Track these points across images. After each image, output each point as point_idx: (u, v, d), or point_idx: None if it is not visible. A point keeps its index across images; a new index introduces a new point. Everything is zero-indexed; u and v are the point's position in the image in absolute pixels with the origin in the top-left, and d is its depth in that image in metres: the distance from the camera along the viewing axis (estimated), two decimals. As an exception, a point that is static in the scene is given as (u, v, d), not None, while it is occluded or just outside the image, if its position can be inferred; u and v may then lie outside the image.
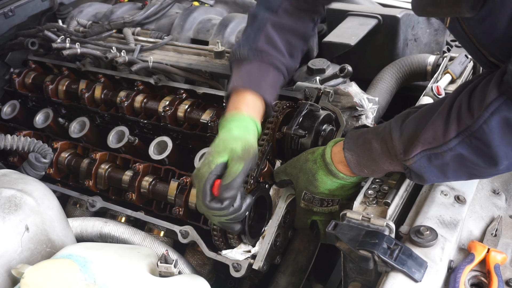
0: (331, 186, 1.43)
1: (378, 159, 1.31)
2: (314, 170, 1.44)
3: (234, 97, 1.48)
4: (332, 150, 1.41)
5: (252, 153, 1.36)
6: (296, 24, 1.59)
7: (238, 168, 1.31)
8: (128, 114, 1.95)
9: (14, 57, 2.35)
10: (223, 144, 1.36)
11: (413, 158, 1.22)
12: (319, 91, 1.71)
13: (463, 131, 1.13)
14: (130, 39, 2.15)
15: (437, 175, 1.24)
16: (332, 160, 1.40)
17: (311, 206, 1.48)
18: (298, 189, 1.50)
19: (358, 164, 1.36)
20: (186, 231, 1.58)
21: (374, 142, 1.31)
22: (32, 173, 1.70)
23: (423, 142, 1.20)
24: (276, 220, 1.53)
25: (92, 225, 1.60)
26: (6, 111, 2.19)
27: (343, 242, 1.23)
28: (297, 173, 1.49)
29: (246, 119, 1.42)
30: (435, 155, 1.19)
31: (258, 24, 1.56)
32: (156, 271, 1.20)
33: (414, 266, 1.15)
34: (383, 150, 1.29)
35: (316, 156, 1.45)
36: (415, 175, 1.27)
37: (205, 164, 1.34)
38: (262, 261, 1.47)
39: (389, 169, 1.33)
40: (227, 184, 1.30)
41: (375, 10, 2.30)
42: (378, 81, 2.05)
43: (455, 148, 1.15)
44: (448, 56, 1.91)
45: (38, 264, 1.06)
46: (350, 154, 1.36)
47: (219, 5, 2.60)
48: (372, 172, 1.37)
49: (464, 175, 1.25)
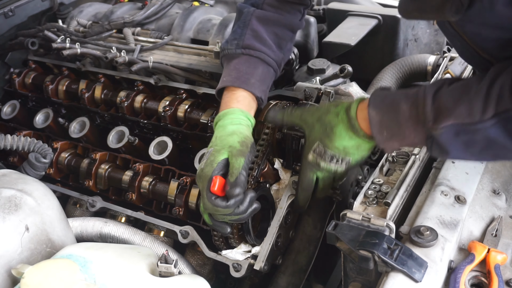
0: (348, 143, 1.35)
1: (404, 122, 1.24)
2: (333, 123, 1.36)
3: (225, 95, 1.52)
4: (358, 106, 1.34)
5: (249, 144, 1.38)
6: (281, 15, 1.61)
7: (240, 162, 1.33)
8: (128, 114, 1.95)
9: (14, 57, 2.35)
10: (221, 142, 1.38)
11: (442, 128, 1.17)
12: (319, 91, 1.71)
13: (501, 113, 1.10)
14: (130, 39, 2.15)
15: (461, 150, 1.20)
16: (357, 115, 1.33)
17: (319, 160, 1.40)
18: (310, 138, 1.42)
19: (380, 124, 1.28)
20: (186, 231, 1.58)
21: (403, 104, 1.24)
22: (32, 173, 1.70)
23: (457, 115, 1.15)
24: (277, 220, 1.53)
25: (92, 225, 1.60)
26: (6, 111, 2.19)
27: (343, 242, 1.23)
28: (313, 122, 1.41)
29: (237, 113, 1.45)
30: (466, 130, 1.15)
31: (244, 19, 1.59)
32: (156, 271, 1.20)
33: (414, 266, 1.15)
34: (412, 114, 1.22)
35: (339, 109, 1.37)
36: (438, 147, 1.21)
37: (207, 164, 1.35)
38: (263, 262, 1.47)
39: (410, 136, 1.25)
40: (233, 181, 1.31)
41: (375, 10, 2.30)
42: (378, 81, 2.05)
43: (489, 129, 1.12)
44: (448, 56, 1.91)
45: (38, 264, 1.06)
46: (375, 111, 1.28)
47: (219, 5, 2.60)
48: (390, 136, 1.28)
49: (488, 156, 1.23)
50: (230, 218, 1.36)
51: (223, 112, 1.48)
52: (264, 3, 1.60)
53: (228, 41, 1.60)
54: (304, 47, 2.17)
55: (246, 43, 1.56)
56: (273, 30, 1.60)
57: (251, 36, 1.56)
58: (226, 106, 1.50)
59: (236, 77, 1.52)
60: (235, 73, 1.54)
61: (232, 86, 1.51)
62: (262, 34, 1.57)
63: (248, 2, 1.64)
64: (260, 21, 1.58)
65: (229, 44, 1.59)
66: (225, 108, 1.49)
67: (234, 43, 1.57)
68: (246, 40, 1.56)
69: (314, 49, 2.22)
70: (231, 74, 1.54)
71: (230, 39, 1.59)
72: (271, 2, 1.60)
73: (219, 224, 1.39)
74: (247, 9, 1.60)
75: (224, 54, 1.60)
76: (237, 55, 1.57)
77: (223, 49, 1.60)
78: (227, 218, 1.36)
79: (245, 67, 1.54)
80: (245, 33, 1.57)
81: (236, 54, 1.57)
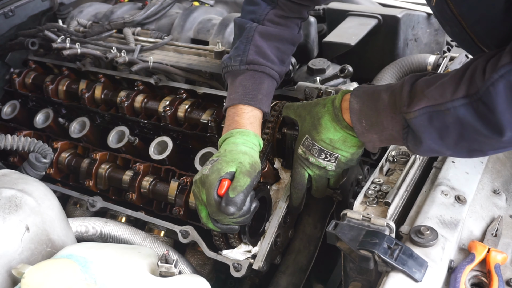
0: (333, 135, 1.39)
1: (382, 110, 1.26)
2: (320, 114, 1.41)
3: (234, 112, 1.50)
4: (343, 97, 1.38)
5: (257, 170, 1.38)
6: (282, 31, 1.62)
7: (246, 181, 1.33)
8: (128, 114, 1.95)
9: (14, 57, 2.36)
10: (231, 156, 1.37)
11: (415, 112, 1.18)
12: (319, 91, 1.71)
13: (472, 94, 1.10)
14: (130, 39, 2.15)
15: (434, 138, 1.20)
16: (341, 106, 1.37)
17: (308, 154, 1.44)
18: (301, 132, 1.47)
19: (360, 112, 1.31)
20: (187, 231, 1.58)
21: (384, 93, 1.28)
22: (33, 173, 1.70)
23: (429, 97, 1.17)
24: (277, 220, 1.53)
25: (92, 225, 1.60)
26: (6, 111, 2.19)
27: (344, 242, 1.23)
28: (305, 115, 1.46)
29: (251, 136, 1.45)
30: (437, 113, 1.15)
31: (247, 35, 1.59)
32: (157, 271, 1.20)
33: (414, 266, 1.15)
34: (390, 102, 1.25)
35: (326, 101, 1.42)
36: (413, 135, 1.23)
37: (213, 171, 1.34)
38: (262, 261, 1.47)
39: (388, 127, 1.27)
40: (233, 198, 1.30)
41: (375, 10, 2.30)
42: (378, 81, 2.05)
43: (459, 109, 1.12)
44: (448, 56, 1.91)
45: (38, 264, 1.06)
46: (356, 100, 1.32)
47: (219, 5, 2.60)
48: (369, 126, 1.31)
49: (463, 150, 1.21)
50: (235, 221, 1.35)
51: (237, 130, 1.45)
52: (265, 19, 1.60)
53: (231, 58, 1.58)
54: (304, 47, 2.17)
55: (250, 59, 1.55)
56: (275, 45, 1.60)
57: (254, 52, 1.56)
58: (238, 125, 1.47)
59: (243, 94, 1.51)
60: (241, 90, 1.52)
61: (240, 104, 1.50)
62: (265, 50, 1.57)
63: (247, 18, 1.63)
64: (262, 36, 1.58)
65: (232, 60, 1.57)
66: (237, 126, 1.46)
67: (237, 59, 1.56)
68: (250, 56, 1.55)
69: (314, 49, 2.22)
70: (238, 92, 1.52)
71: (233, 56, 1.58)
72: (271, 18, 1.60)
73: (227, 228, 1.38)
74: (249, 25, 1.59)
75: (227, 70, 1.59)
76: (242, 71, 1.55)
77: (226, 65, 1.59)
78: (232, 221, 1.35)
79: (251, 83, 1.53)
80: (248, 48, 1.56)
81: (240, 71, 1.56)
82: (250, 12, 1.63)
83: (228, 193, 1.31)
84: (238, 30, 1.65)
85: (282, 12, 1.61)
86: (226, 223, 1.36)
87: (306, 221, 1.67)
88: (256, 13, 1.61)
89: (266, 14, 1.60)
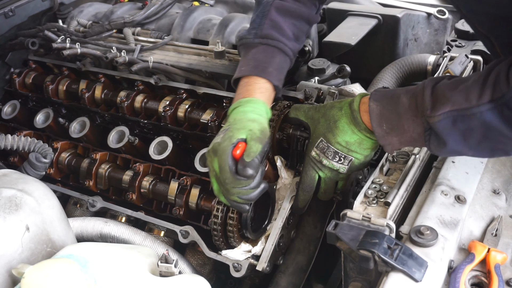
0: (350, 138, 1.39)
1: (403, 113, 1.27)
2: (337, 117, 1.41)
3: (244, 83, 1.50)
4: (361, 100, 1.38)
5: (268, 136, 1.38)
6: (300, 8, 1.61)
7: (258, 148, 1.32)
8: (128, 114, 1.95)
9: (15, 57, 2.35)
10: (241, 123, 1.37)
11: (439, 116, 1.20)
12: (320, 91, 1.71)
13: (497, 99, 1.13)
14: (130, 39, 2.15)
15: (458, 140, 1.21)
16: (359, 108, 1.37)
17: (322, 156, 1.44)
18: (314, 135, 1.46)
19: (380, 116, 1.31)
20: (187, 231, 1.58)
21: (403, 96, 1.28)
22: (33, 173, 1.70)
23: (454, 102, 1.18)
24: (281, 221, 1.53)
25: (92, 225, 1.60)
26: (7, 111, 2.19)
27: (344, 242, 1.23)
28: (319, 118, 1.46)
29: (260, 104, 1.44)
30: (462, 117, 1.17)
31: (263, 10, 1.59)
32: (157, 271, 1.20)
33: (414, 266, 1.15)
34: (411, 105, 1.26)
35: (343, 104, 1.42)
36: (436, 137, 1.24)
37: (225, 139, 1.34)
38: (266, 263, 1.48)
39: (409, 129, 1.28)
40: (249, 162, 1.30)
41: (375, 10, 2.30)
42: (378, 81, 2.05)
43: (485, 114, 1.14)
44: (448, 56, 1.91)
45: (38, 264, 1.06)
46: (375, 104, 1.32)
47: (219, 5, 2.60)
48: (390, 130, 1.31)
49: (486, 149, 1.23)
50: (245, 194, 1.33)
51: (246, 99, 1.44)
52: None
53: (247, 31, 1.59)
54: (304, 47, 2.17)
55: (265, 33, 1.55)
56: (292, 21, 1.59)
57: (269, 26, 1.55)
58: (248, 93, 1.46)
59: (254, 66, 1.51)
60: (253, 62, 1.52)
61: (250, 75, 1.50)
62: (281, 24, 1.56)
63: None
64: (279, 11, 1.57)
65: (247, 33, 1.58)
66: (247, 95, 1.46)
67: (252, 32, 1.57)
68: (265, 30, 1.55)
69: (314, 49, 2.21)
70: (249, 64, 1.52)
71: (248, 29, 1.59)
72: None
73: (238, 204, 1.36)
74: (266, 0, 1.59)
75: (242, 43, 1.59)
76: (255, 44, 1.55)
77: (241, 38, 1.60)
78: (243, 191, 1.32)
79: (263, 56, 1.53)
80: (264, 23, 1.56)
81: (254, 44, 1.56)
82: None
83: (243, 158, 1.31)
84: (256, 5, 1.65)
85: None
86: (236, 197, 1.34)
87: (306, 221, 1.67)
88: None
89: None
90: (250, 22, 1.63)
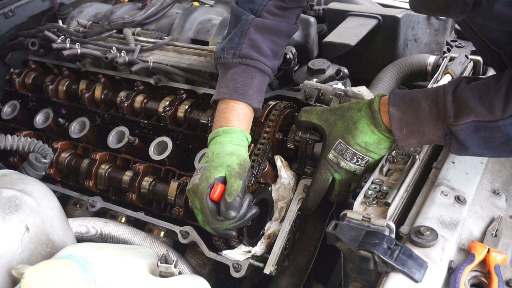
0: (370, 138, 1.39)
1: (424, 119, 1.29)
2: (356, 118, 1.41)
3: (222, 109, 1.51)
4: (380, 101, 1.38)
5: (247, 168, 1.39)
6: (279, 24, 1.60)
7: (238, 184, 1.34)
8: (128, 114, 1.95)
9: (14, 57, 2.36)
10: (218, 159, 1.38)
11: (462, 125, 1.23)
12: (319, 91, 1.70)
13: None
14: (130, 39, 2.15)
15: (479, 145, 1.26)
16: (379, 109, 1.37)
17: (340, 158, 1.44)
18: (331, 137, 1.45)
19: (401, 121, 1.32)
20: (186, 231, 1.58)
21: (423, 102, 1.29)
22: (32, 173, 1.70)
23: (478, 113, 1.21)
24: (288, 224, 1.53)
25: (92, 226, 1.60)
26: (6, 111, 2.19)
27: (343, 242, 1.23)
28: (335, 120, 1.45)
29: (238, 133, 1.45)
30: (485, 128, 1.21)
31: (242, 28, 1.57)
32: (157, 271, 1.20)
33: (414, 267, 1.15)
34: (432, 111, 1.28)
35: (361, 105, 1.42)
36: (457, 142, 1.27)
37: (202, 180, 1.36)
38: (273, 266, 1.48)
39: (429, 133, 1.30)
40: (231, 202, 1.32)
41: (375, 10, 2.30)
42: (378, 81, 2.05)
43: (509, 127, 1.18)
44: (448, 56, 1.91)
45: (38, 264, 1.06)
46: (395, 109, 1.33)
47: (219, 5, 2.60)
48: (410, 133, 1.33)
49: (504, 152, 1.28)
50: (232, 226, 1.37)
51: (224, 129, 1.46)
52: (263, 10, 1.57)
53: (224, 49, 1.56)
54: (304, 47, 2.17)
55: (243, 53, 1.53)
56: (271, 38, 1.59)
57: (248, 45, 1.54)
58: (226, 122, 1.47)
59: (234, 89, 1.51)
60: (232, 84, 1.52)
61: (230, 99, 1.50)
62: (260, 44, 1.55)
63: (245, 7, 1.60)
64: (258, 30, 1.56)
65: (225, 52, 1.56)
66: (224, 124, 1.47)
67: (230, 52, 1.54)
68: (243, 50, 1.54)
69: (314, 49, 2.21)
70: (229, 86, 1.52)
71: (226, 47, 1.56)
72: (270, 9, 1.58)
73: (224, 232, 1.39)
74: (245, 17, 1.57)
75: (219, 62, 1.58)
76: (234, 64, 1.54)
77: (218, 56, 1.57)
78: (229, 226, 1.36)
79: (243, 77, 1.52)
80: (243, 42, 1.54)
81: (232, 64, 1.54)
82: (249, 1, 1.60)
83: (225, 198, 1.32)
84: (234, 19, 1.62)
85: (282, 3, 1.58)
86: (223, 228, 1.37)
87: (306, 222, 1.67)
88: (255, 3, 1.58)
89: (265, 5, 1.57)
90: (227, 38, 1.59)
